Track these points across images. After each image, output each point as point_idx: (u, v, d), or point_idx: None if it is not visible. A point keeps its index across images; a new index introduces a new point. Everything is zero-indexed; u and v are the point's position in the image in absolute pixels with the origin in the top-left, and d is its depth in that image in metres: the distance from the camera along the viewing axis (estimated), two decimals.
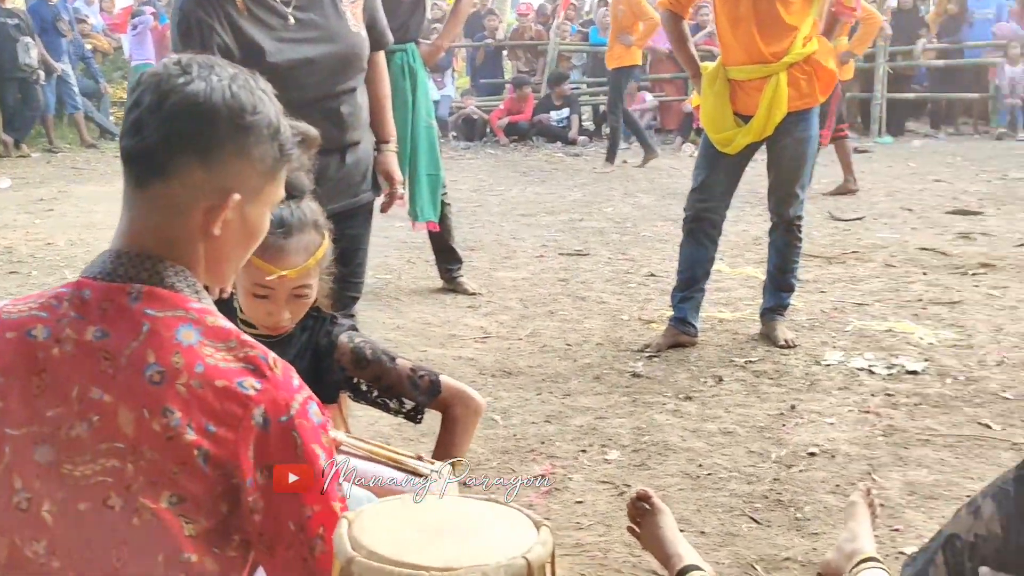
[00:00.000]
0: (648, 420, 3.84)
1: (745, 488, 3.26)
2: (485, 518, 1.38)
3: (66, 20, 13.54)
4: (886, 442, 3.61)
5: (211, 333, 1.38)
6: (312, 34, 2.92)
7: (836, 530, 2.89)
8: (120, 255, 1.40)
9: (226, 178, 1.41)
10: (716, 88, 4.57)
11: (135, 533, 1.34)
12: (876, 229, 7.60)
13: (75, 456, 1.34)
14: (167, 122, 1.37)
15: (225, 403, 1.34)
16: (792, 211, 4.66)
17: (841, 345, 4.72)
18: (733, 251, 6.70)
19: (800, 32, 4.45)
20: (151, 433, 1.32)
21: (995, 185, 9.64)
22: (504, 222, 8.15)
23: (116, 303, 1.37)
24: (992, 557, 1.56)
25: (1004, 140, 13.29)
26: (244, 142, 1.41)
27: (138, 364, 1.34)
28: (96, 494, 1.34)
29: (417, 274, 6.28)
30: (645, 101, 14.46)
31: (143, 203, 1.41)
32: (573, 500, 3.19)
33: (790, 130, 4.51)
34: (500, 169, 11.64)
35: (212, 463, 1.34)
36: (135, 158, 1.40)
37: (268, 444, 1.36)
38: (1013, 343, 4.70)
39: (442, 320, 5.28)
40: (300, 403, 1.39)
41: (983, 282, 5.89)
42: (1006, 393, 4.06)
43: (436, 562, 1.25)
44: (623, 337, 4.93)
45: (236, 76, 1.42)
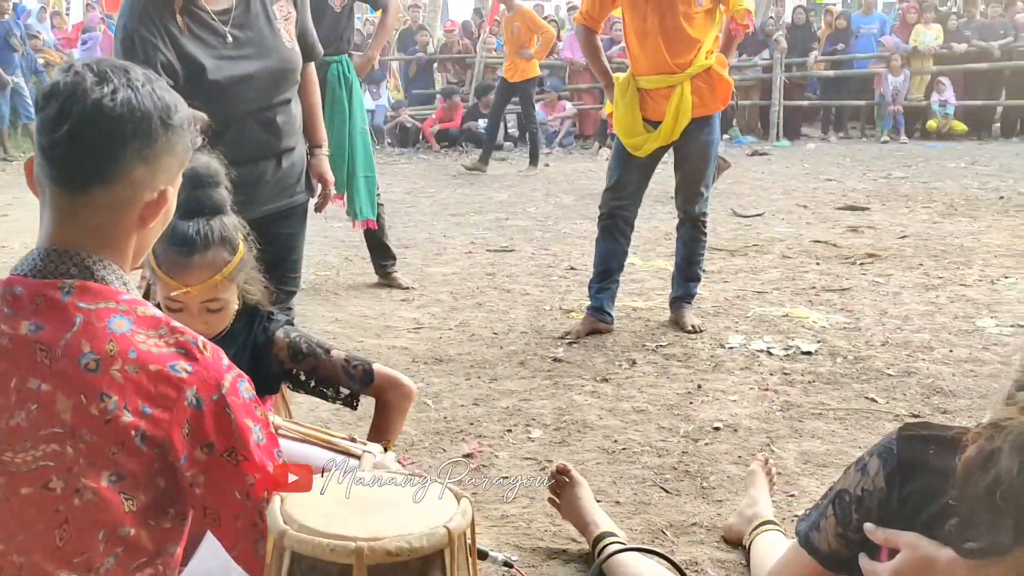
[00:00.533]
0: (568, 401, 3.85)
1: (656, 461, 3.28)
2: (410, 491, 1.38)
3: (18, 36, 13.19)
4: (783, 416, 3.66)
5: (142, 322, 1.37)
6: (249, 51, 2.86)
7: (738, 497, 2.92)
8: (49, 252, 1.37)
9: (160, 173, 1.41)
10: (627, 97, 4.59)
11: (77, 512, 1.32)
12: (774, 224, 7.70)
13: (15, 444, 1.31)
14: (110, 129, 1.34)
15: (159, 386, 1.33)
16: (698, 208, 4.70)
17: (743, 329, 4.78)
18: (645, 245, 6.74)
19: (703, 46, 4.48)
20: (89, 417, 1.30)
21: (880, 183, 9.82)
22: (435, 221, 8.12)
23: (48, 298, 1.35)
24: (875, 509, 1.58)
25: (888, 144, 13.55)
26: (172, 138, 1.41)
27: (73, 353, 1.31)
28: (37, 479, 1.32)
29: (354, 270, 6.22)
30: (565, 109, 14.49)
31: (81, 205, 1.37)
32: (500, 476, 3.18)
33: (695, 134, 4.55)
34: (432, 173, 11.59)
35: (149, 442, 1.33)
36: (76, 166, 1.35)
37: (203, 422, 1.35)
38: (896, 325, 4.79)
39: (378, 313, 5.24)
40: (230, 381, 1.39)
41: (869, 271, 6.00)
42: (890, 370, 4.14)
43: (363, 532, 1.25)
44: (545, 326, 4.94)
45: (149, 77, 1.41)
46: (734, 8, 4.50)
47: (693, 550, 2.69)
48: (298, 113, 3.11)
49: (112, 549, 1.35)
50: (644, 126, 4.57)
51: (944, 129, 13.85)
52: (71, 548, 1.33)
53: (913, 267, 6.05)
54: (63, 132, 1.33)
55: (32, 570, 1.33)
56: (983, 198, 8.68)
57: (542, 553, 2.67)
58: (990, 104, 14.13)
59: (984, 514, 1.41)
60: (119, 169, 1.35)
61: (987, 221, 7.58)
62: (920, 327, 4.75)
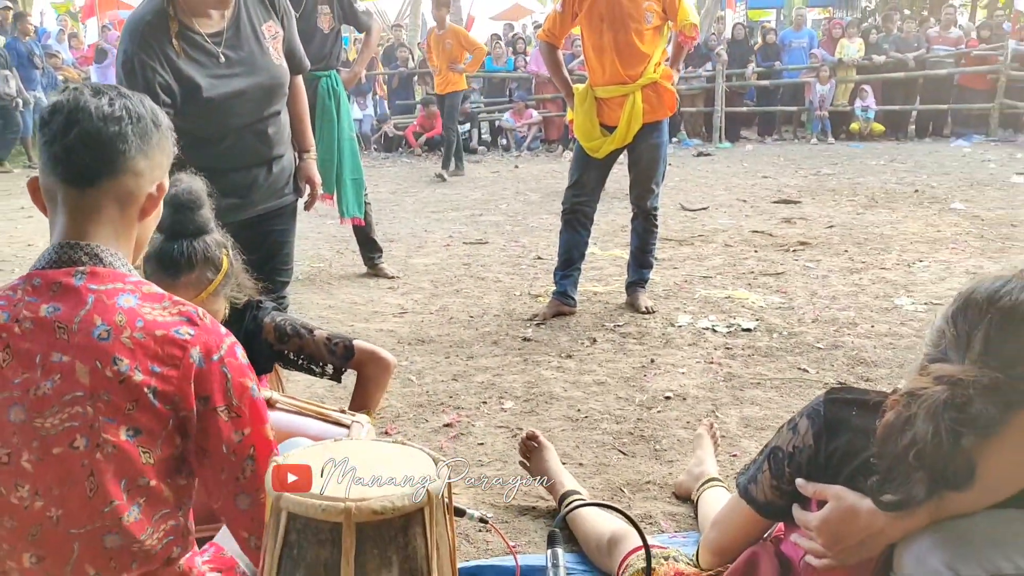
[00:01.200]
0: (537, 375, 3.85)
1: (614, 427, 3.29)
2: (393, 457, 1.37)
3: (39, 55, 13.02)
4: (726, 386, 3.67)
5: (147, 297, 1.40)
6: (240, 69, 2.82)
7: (687, 458, 2.94)
8: (62, 246, 1.40)
9: (157, 168, 1.45)
10: (586, 105, 4.59)
11: (100, 465, 1.34)
12: (717, 217, 7.72)
13: (44, 411, 1.33)
14: (116, 128, 1.38)
15: (166, 347, 1.36)
16: (650, 203, 4.70)
17: (690, 310, 4.79)
18: (604, 236, 6.75)
19: (652, 59, 4.49)
20: (105, 379, 1.33)
21: (810, 180, 9.86)
22: (417, 218, 8.09)
23: (64, 284, 1.37)
24: (805, 464, 1.60)
25: (817, 144, 13.62)
26: (161, 138, 1.46)
27: (87, 327, 1.34)
28: (64, 439, 1.34)
29: (345, 262, 6.19)
30: (532, 116, 14.45)
31: (92, 199, 1.40)
32: (476, 442, 3.18)
33: (646, 138, 4.56)
34: (414, 175, 11.54)
35: (161, 398, 1.35)
36: (89, 162, 1.38)
37: (204, 378, 1.38)
38: (824, 304, 4.82)
39: (366, 299, 5.22)
40: (228, 346, 1.42)
41: (801, 257, 6.03)
42: (819, 344, 4.17)
43: (352, 494, 1.24)
44: (516, 309, 4.93)
45: (135, 93, 1.46)
46: (682, 23, 4.51)
47: (647, 505, 2.70)
48: (287, 123, 3.09)
49: (135, 498, 1.36)
50: (601, 131, 4.57)
51: (866, 131, 13.93)
52: (99, 499, 1.34)
53: (839, 253, 6.09)
54: (74, 135, 1.37)
55: (68, 521, 1.35)
56: (900, 192, 8.74)
57: (514, 510, 2.67)
58: (906, 109, 14.23)
59: (900, 471, 1.42)
60: (124, 161, 1.39)
61: (903, 212, 7.63)
62: (845, 306, 4.78)
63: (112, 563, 1.37)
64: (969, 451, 1.38)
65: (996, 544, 1.43)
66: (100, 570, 1.37)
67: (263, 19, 2.91)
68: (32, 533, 1.35)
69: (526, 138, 14.36)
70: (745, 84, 14.64)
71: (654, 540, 2.25)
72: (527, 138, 14.37)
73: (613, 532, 2.23)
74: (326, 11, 5.31)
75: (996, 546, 1.43)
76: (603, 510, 2.39)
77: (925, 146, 13.04)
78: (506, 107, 14.81)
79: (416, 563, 1.26)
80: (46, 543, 1.35)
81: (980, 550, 1.43)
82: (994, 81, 13.29)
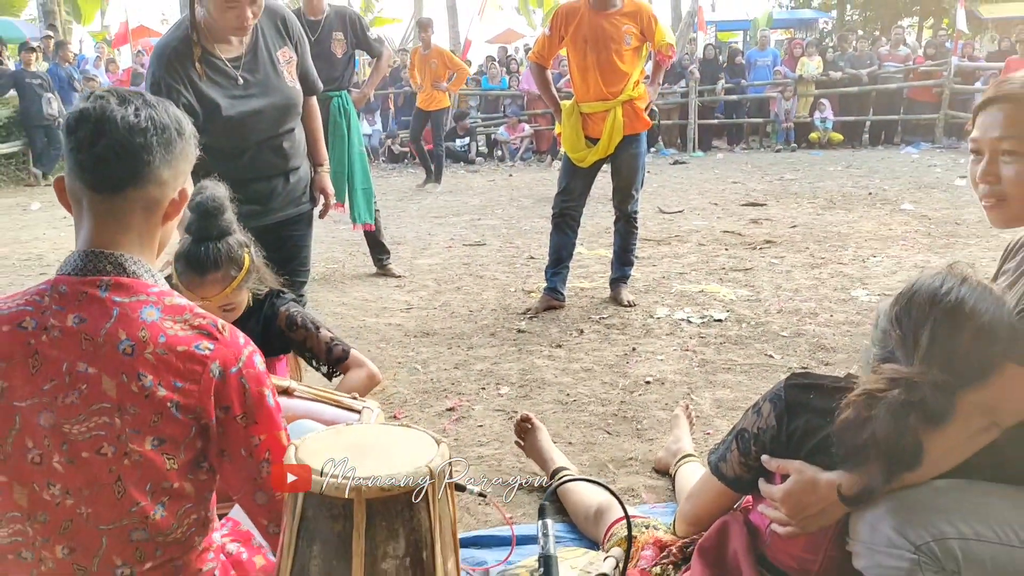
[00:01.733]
0: (530, 363, 3.85)
1: (600, 409, 3.29)
2: (399, 439, 1.37)
3: (78, 79, 12.97)
4: (700, 371, 3.68)
5: (169, 310, 1.34)
6: (256, 91, 2.83)
7: (665, 436, 2.93)
8: (88, 254, 1.34)
9: (180, 176, 1.38)
10: (572, 120, 4.58)
11: (127, 471, 1.30)
12: (692, 219, 7.71)
13: (71, 418, 1.29)
14: (141, 138, 1.31)
15: (187, 363, 1.31)
16: (630, 207, 4.70)
17: (668, 303, 4.79)
18: (590, 238, 6.74)
19: (631, 77, 4.49)
20: (131, 394, 1.28)
21: (775, 184, 9.85)
22: (422, 223, 8.08)
23: (89, 294, 1.31)
24: (768, 443, 1.60)
25: (781, 153, 13.62)
26: (184, 146, 1.39)
27: (113, 341, 1.29)
28: (92, 445, 1.30)
29: (357, 263, 6.18)
30: (524, 130, 14.43)
31: (118, 207, 1.33)
32: (476, 424, 3.18)
33: (626, 148, 4.55)
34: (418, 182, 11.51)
35: (183, 410, 1.31)
36: (114, 172, 1.32)
37: (224, 390, 1.34)
38: (788, 296, 4.83)
39: (376, 297, 5.21)
40: (247, 356, 1.37)
41: (767, 254, 6.03)
42: (784, 332, 4.17)
43: (360, 473, 1.24)
44: (511, 304, 4.93)
45: (159, 101, 1.39)
46: (659, 43, 4.52)
47: (630, 479, 2.70)
48: (301, 139, 3.09)
49: (159, 499, 1.33)
50: (586, 143, 4.57)
51: (824, 140, 13.91)
52: (127, 500, 1.31)
53: (801, 250, 6.09)
54: (102, 146, 1.30)
55: (97, 519, 1.32)
56: (855, 194, 8.74)
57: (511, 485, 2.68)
58: (860, 119, 14.22)
59: (858, 461, 1.43)
60: (150, 172, 1.33)
61: (859, 213, 7.64)
62: (807, 297, 4.78)
63: (137, 553, 1.34)
64: (919, 438, 1.38)
65: (940, 511, 1.44)
66: (127, 561, 1.34)
67: (278, 46, 2.92)
68: (64, 527, 1.32)
69: (519, 150, 14.34)
70: (716, 99, 14.63)
71: (636, 511, 2.26)
72: (520, 150, 14.34)
73: (599, 504, 2.23)
74: (340, 37, 5.30)
75: (940, 513, 1.44)
76: (589, 484, 2.39)
77: (878, 153, 13.03)
78: (501, 122, 14.79)
79: (420, 535, 1.26)
80: (77, 537, 1.32)
81: (926, 517, 1.44)
82: (939, 94, 13.30)
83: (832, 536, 1.58)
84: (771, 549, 1.66)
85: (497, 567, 2.03)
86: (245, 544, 1.55)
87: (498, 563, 2.05)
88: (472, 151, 14.30)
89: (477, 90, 15.81)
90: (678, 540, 1.89)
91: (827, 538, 1.58)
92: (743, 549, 1.67)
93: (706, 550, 1.72)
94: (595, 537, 2.20)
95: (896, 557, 1.43)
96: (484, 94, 15.46)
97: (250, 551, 1.54)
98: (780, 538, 1.64)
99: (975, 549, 1.42)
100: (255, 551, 1.55)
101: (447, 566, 1.29)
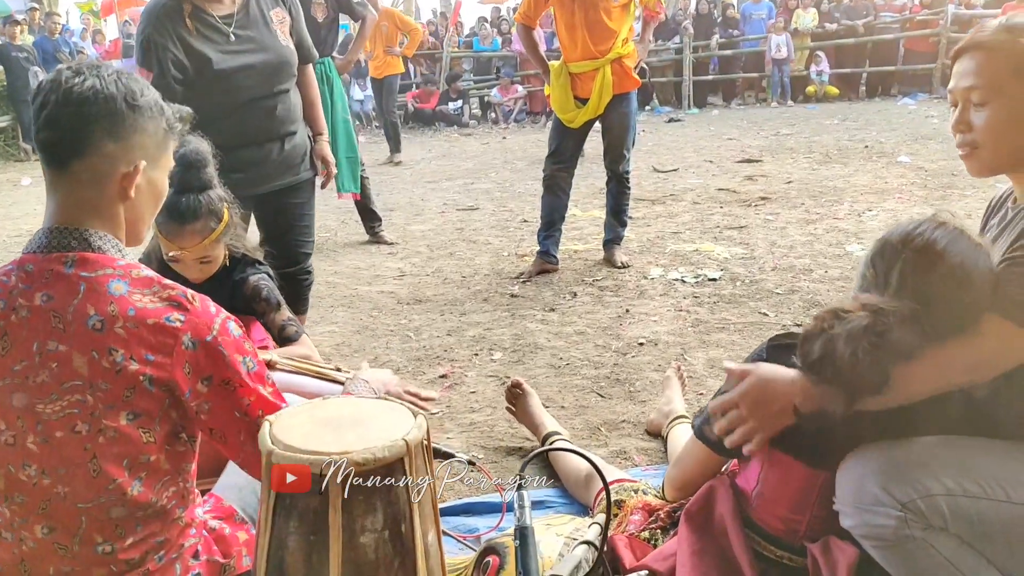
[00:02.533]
0: (523, 328, 3.83)
1: (593, 372, 3.28)
2: (375, 412, 1.36)
3: (65, 52, 12.79)
4: (694, 331, 3.66)
5: (137, 283, 1.32)
6: (249, 47, 2.80)
7: (657, 398, 2.92)
8: (52, 231, 1.32)
9: (132, 148, 1.34)
10: (561, 80, 4.52)
11: (102, 448, 1.29)
12: (687, 177, 7.65)
13: (44, 397, 1.28)
14: (77, 109, 1.29)
15: (158, 336, 1.29)
16: (622, 167, 4.65)
17: (662, 263, 4.76)
18: (583, 199, 6.70)
19: (619, 35, 4.42)
20: (102, 370, 1.27)
21: (770, 140, 9.78)
22: (414, 188, 8.02)
23: (55, 271, 1.30)
24: None
25: (777, 107, 13.50)
26: (139, 117, 1.34)
27: (81, 317, 1.27)
28: (66, 424, 1.28)
29: (349, 232, 6.15)
30: (517, 91, 14.31)
31: (68, 181, 1.32)
32: (468, 391, 3.17)
33: (616, 107, 4.49)
34: (410, 148, 11.40)
35: (156, 384, 1.30)
36: (55, 145, 1.30)
37: (200, 360, 1.32)
38: (783, 253, 4.80)
39: (368, 265, 5.18)
40: (220, 323, 1.35)
41: (762, 211, 5.98)
42: (778, 290, 4.15)
43: (335, 447, 1.22)
44: (504, 268, 4.90)
45: (121, 72, 1.35)
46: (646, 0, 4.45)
47: (623, 442, 2.69)
48: (297, 103, 3.05)
49: (137, 474, 1.32)
50: (575, 103, 4.51)
51: (820, 93, 13.82)
52: (103, 478, 1.30)
53: (796, 206, 6.05)
54: (43, 118, 1.29)
55: (75, 497, 1.31)
56: (852, 148, 8.67)
57: (503, 451, 2.67)
58: (857, 71, 14.09)
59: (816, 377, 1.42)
60: (90, 144, 1.30)
61: (855, 166, 7.58)
62: (802, 254, 4.75)
63: (118, 530, 1.33)
64: (885, 367, 1.37)
65: (926, 468, 1.43)
66: (107, 538, 1.33)
67: (271, 5, 2.91)
68: (42, 507, 1.31)
69: (512, 111, 14.23)
70: (710, 54, 14.48)
71: (628, 474, 2.26)
72: (513, 111, 14.24)
73: (589, 469, 2.22)
74: (320, 0, 5.21)
75: (926, 469, 1.43)
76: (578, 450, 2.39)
77: (875, 105, 12.92)
78: (494, 84, 14.66)
79: (399, 507, 1.25)
80: (55, 516, 1.31)
81: (912, 474, 1.43)
82: (936, 43, 13.16)
83: (818, 496, 1.57)
84: (757, 512, 1.65)
85: (488, 534, 2.03)
86: (228, 520, 1.54)
87: (489, 530, 2.05)
88: (465, 114, 14.19)
89: (468, 52, 15.66)
90: (667, 504, 1.88)
91: (813, 498, 1.58)
92: (729, 512, 1.66)
93: (693, 514, 1.72)
94: (585, 501, 2.20)
95: (883, 515, 1.42)
96: (476, 56, 15.31)
97: (233, 526, 1.53)
98: (766, 500, 1.63)
99: (962, 505, 1.42)
100: (238, 526, 1.54)
101: (427, 539, 1.28)
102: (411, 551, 1.25)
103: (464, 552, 2.00)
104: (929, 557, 1.42)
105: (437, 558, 1.34)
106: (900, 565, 1.45)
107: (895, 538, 1.42)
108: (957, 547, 1.43)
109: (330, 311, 4.25)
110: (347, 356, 3.56)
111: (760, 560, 1.64)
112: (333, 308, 4.31)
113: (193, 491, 1.46)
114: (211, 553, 1.46)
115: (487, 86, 14.83)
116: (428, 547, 1.29)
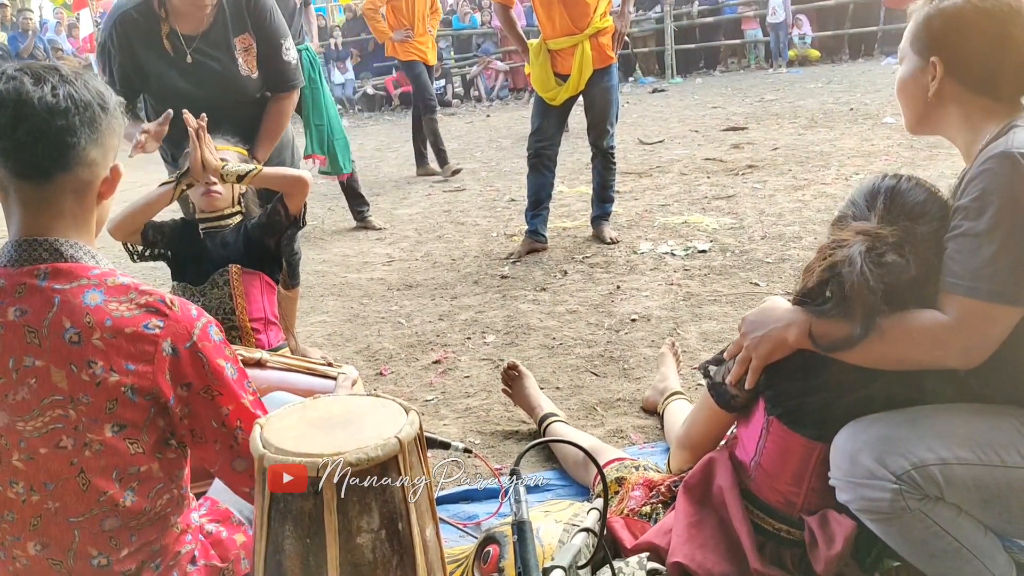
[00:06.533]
0: (515, 309, 3.82)
1: (586, 351, 3.27)
2: (366, 410, 1.34)
3: (42, 48, 12.62)
4: (686, 305, 3.65)
5: (113, 291, 1.29)
6: (201, 74, 2.79)
7: (652, 374, 2.92)
8: (21, 243, 1.28)
9: (108, 152, 1.32)
10: (540, 58, 4.49)
11: (89, 462, 1.27)
12: (673, 148, 7.62)
13: (24, 414, 1.25)
14: (60, 122, 1.24)
15: (137, 344, 1.26)
16: (606, 142, 4.62)
17: (651, 237, 4.75)
18: (571, 176, 6.67)
19: (597, 9, 4.38)
20: (82, 383, 1.24)
21: (755, 106, 9.74)
22: (400, 171, 7.98)
23: (28, 285, 1.26)
24: None
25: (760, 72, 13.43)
26: (111, 121, 1.32)
27: (57, 330, 1.24)
28: (50, 440, 1.26)
29: (336, 218, 6.12)
30: (498, 67, 14.22)
31: (50, 193, 1.28)
32: (462, 376, 3.16)
33: (597, 82, 4.46)
34: (395, 130, 11.35)
35: (139, 393, 1.27)
36: (39, 158, 1.25)
37: (180, 366, 1.30)
38: (772, 221, 4.79)
39: (357, 251, 5.16)
40: (200, 328, 1.32)
41: (750, 179, 5.96)
42: (768, 259, 4.14)
43: (328, 449, 1.21)
44: (493, 250, 4.89)
45: (79, 74, 1.30)
46: None
47: (619, 420, 2.69)
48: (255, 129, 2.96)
49: (128, 484, 1.30)
50: (556, 80, 4.48)
51: (802, 57, 13.77)
52: (93, 492, 1.28)
53: (784, 173, 6.03)
54: (22, 131, 1.23)
55: (66, 512, 1.29)
56: (837, 111, 8.64)
57: (499, 435, 2.67)
58: (839, 33, 14.04)
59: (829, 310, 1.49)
60: (76, 155, 1.27)
61: (840, 130, 7.56)
62: (791, 221, 4.75)
63: (112, 542, 1.32)
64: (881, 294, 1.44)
65: (919, 438, 1.43)
66: (101, 551, 1.31)
67: (238, 31, 2.84)
68: (33, 524, 1.29)
69: (494, 88, 14.14)
70: (692, 23, 14.39)
71: (625, 452, 2.25)
72: (495, 88, 14.15)
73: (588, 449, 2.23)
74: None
75: (919, 440, 1.43)
76: (575, 431, 2.39)
77: (858, 67, 12.88)
78: (474, 61, 14.56)
79: (395, 505, 1.24)
80: (48, 532, 1.29)
81: (905, 446, 1.43)
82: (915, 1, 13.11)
83: (814, 468, 1.57)
84: (755, 484, 1.66)
85: (488, 519, 2.03)
86: (224, 523, 1.53)
87: (488, 516, 2.05)
88: (448, 93, 14.10)
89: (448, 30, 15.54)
90: (667, 479, 1.88)
91: (809, 470, 1.58)
92: (728, 485, 1.66)
93: (691, 487, 1.72)
94: (585, 482, 2.20)
95: (878, 488, 1.42)
96: (456, 34, 15.18)
97: (230, 529, 1.52)
98: (763, 470, 1.63)
99: (957, 472, 1.42)
100: (235, 529, 1.53)
101: (425, 535, 1.27)
102: (409, 548, 1.24)
103: (464, 540, 2.00)
104: (927, 528, 1.43)
105: (436, 552, 1.33)
106: (898, 537, 1.45)
107: (892, 511, 1.42)
108: (955, 516, 1.43)
109: (320, 300, 4.24)
110: (339, 346, 3.55)
111: (758, 532, 1.65)
112: (323, 297, 4.29)
113: (188, 496, 1.44)
114: (208, 558, 1.45)
115: (468, 64, 14.72)
116: (427, 542, 1.28)
